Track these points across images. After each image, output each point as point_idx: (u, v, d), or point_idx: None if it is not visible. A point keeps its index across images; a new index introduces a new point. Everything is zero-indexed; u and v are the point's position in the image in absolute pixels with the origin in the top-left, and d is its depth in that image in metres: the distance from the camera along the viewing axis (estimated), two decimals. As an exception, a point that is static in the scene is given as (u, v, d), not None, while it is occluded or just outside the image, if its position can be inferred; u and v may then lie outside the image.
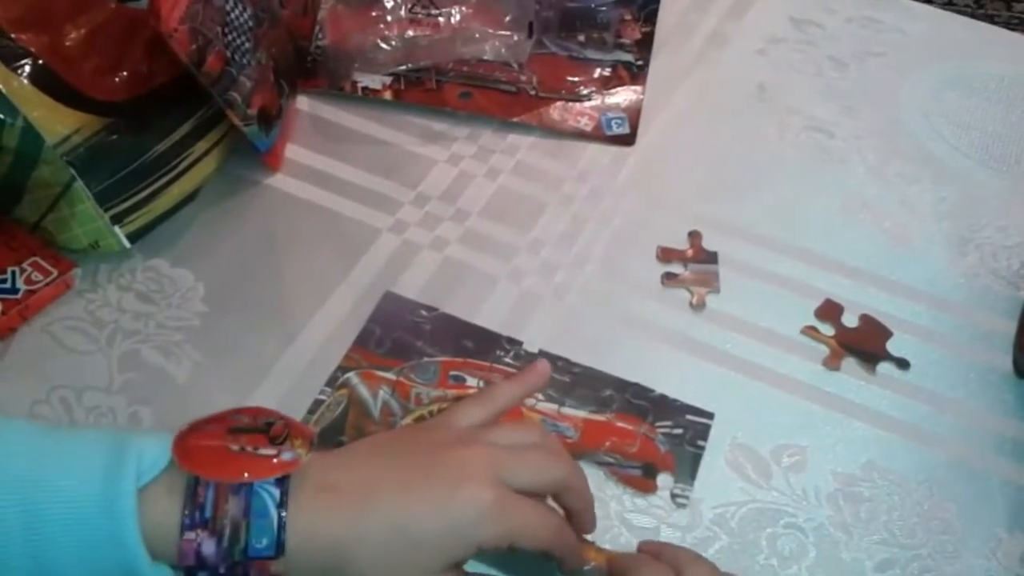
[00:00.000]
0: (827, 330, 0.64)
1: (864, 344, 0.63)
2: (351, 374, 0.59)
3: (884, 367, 0.63)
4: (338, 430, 0.56)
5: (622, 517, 0.54)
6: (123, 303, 0.61)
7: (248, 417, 0.44)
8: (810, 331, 0.64)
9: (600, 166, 0.74)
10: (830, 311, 0.65)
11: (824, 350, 0.63)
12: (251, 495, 0.41)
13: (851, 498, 0.56)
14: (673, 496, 0.55)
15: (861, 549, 0.54)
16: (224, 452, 0.42)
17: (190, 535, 0.40)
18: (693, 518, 0.55)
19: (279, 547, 0.41)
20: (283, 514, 0.41)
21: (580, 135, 0.76)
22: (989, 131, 0.80)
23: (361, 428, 0.56)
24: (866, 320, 0.65)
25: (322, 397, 0.58)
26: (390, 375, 0.59)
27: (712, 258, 0.67)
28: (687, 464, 0.56)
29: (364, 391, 0.58)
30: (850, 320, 0.65)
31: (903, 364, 0.62)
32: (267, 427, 0.44)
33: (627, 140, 0.76)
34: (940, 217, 0.73)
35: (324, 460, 0.44)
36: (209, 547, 0.40)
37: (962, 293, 0.68)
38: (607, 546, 0.52)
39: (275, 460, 0.42)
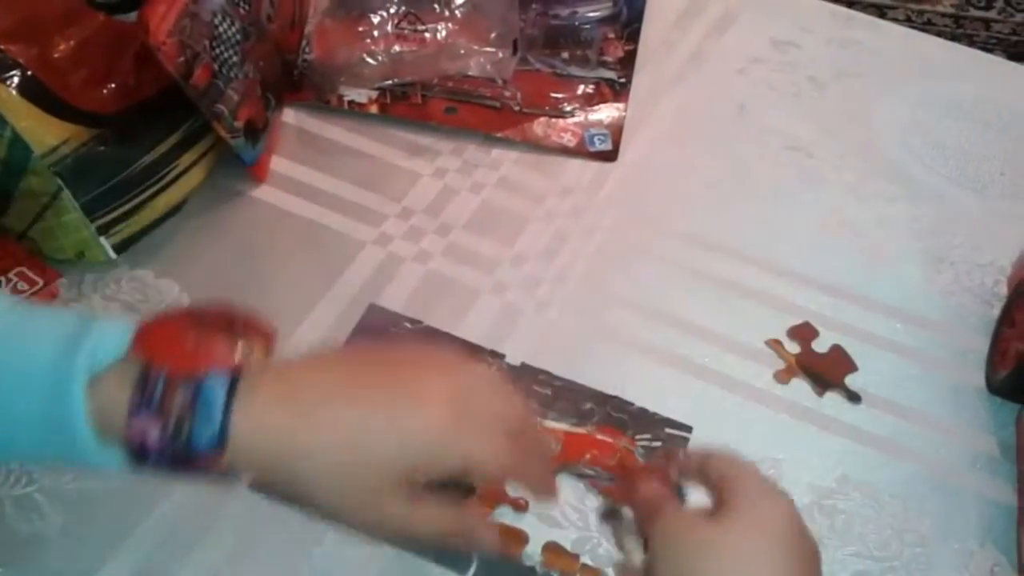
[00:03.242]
0: (793, 348, 0.65)
1: (823, 370, 0.64)
2: (334, 385, 0.59)
3: (832, 395, 0.63)
4: (321, 441, 0.57)
5: (602, 529, 0.55)
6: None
7: (213, 312, 0.43)
8: (775, 344, 0.65)
9: (583, 181, 0.75)
10: (804, 333, 0.66)
11: (781, 364, 0.64)
12: (200, 387, 0.39)
13: (826, 511, 0.57)
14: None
15: (836, 561, 0.55)
16: (179, 340, 0.41)
17: (136, 421, 0.39)
18: (671, 530, 0.55)
19: (222, 441, 0.40)
20: (229, 408, 0.40)
21: (563, 151, 0.77)
22: (964, 151, 0.81)
23: (344, 439, 0.57)
24: (835, 350, 0.65)
25: (305, 408, 0.58)
26: (373, 386, 0.60)
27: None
28: (666, 476, 0.57)
29: (347, 402, 0.59)
30: (821, 346, 0.66)
31: (854, 397, 0.63)
32: (229, 323, 0.43)
33: (609, 156, 0.77)
34: (916, 236, 0.74)
35: (284, 362, 0.43)
36: (154, 436, 0.39)
37: (937, 310, 0.69)
38: (587, 559, 0.53)
39: (230, 355, 0.40)
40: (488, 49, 0.79)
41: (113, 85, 0.64)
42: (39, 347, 0.40)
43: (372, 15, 0.77)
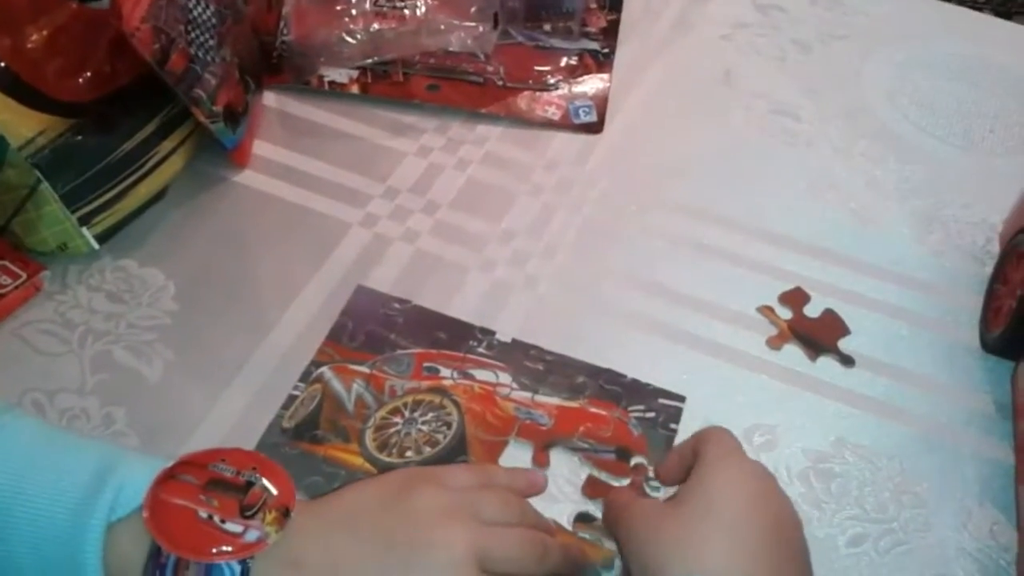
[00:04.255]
0: (784, 314, 0.65)
1: (816, 335, 0.64)
2: (324, 368, 0.59)
3: (825, 360, 0.63)
4: (313, 424, 0.56)
5: (596, 502, 0.55)
6: (93, 304, 0.61)
7: (232, 469, 0.43)
8: (766, 311, 0.65)
9: (569, 155, 0.74)
10: (795, 298, 0.66)
11: (773, 330, 0.64)
12: (211, 568, 0.40)
13: (822, 475, 0.57)
14: (647, 479, 0.56)
15: (834, 525, 0.55)
16: (192, 518, 0.41)
17: None
18: (668, 500, 0.55)
19: None
20: None
21: (548, 124, 0.76)
22: (952, 110, 0.81)
23: (336, 422, 0.57)
24: (827, 314, 0.65)
25: (296, 392, 0.58)
26: (364, 368, 0.59)
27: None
28: (660, 447, 0.57)
29: (338, 385, 0.58)
30: (813, 311, 0.65)
31: (847, 361, 0.62)
32: (247, 487, 0.43)
33: (595, 128, 0.76)
34: (905, 196, 0.74)
35: (294, 526, 0.42)
36: None
37: (929, 270, 0.69)
38: (585, 534, 0.53)
39: (240, 540, 0.41)
40: (469, 24, 0.78)
41: (88, 74, 0.63)
42: (57, 487, 0.40)
43: (350, -7, 0.76)
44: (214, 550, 0.40)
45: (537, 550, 0.46)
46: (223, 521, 0.41)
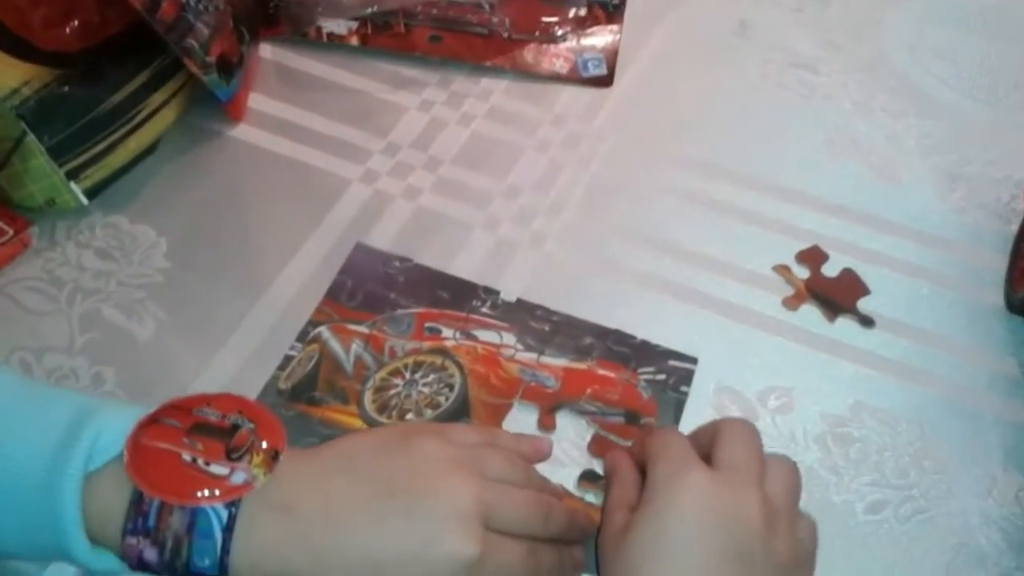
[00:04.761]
0: (801, 273, 0.62)
1: (834, 295, 0.61)
2: (322, 328, 0.57)
3: (844, 320, 0.60)
4: (310, 386, 0.54)
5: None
6: (82, 261, 0.59)
7: (217, 413, 0.41)
8: (782, 270, 0.62)
9: (577, 109, 0.71)
10: (813, 257, 0.63)
11: (789, 290, 0.61)
12: (196, 512, 0.38)
13: (840, 439, 0.55)
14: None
15: (852, 491, 0.53)
16: (175, 462, 0.39)
17: (132, 540, 0.38)
18: (678, 465, 0.53)
19: (222, 569, 0.38)
20: (228, 537, 0.38)
21: (556, 78, 0.73)
22: (974, 63, 0.78)
23: (334, 383, 0.55)
24: (846, 274, 0.62)
25: (292, 353, 0.56)
26: (363, 328, 0.57)
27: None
28: (670, 410, 0.55)
29: (336, 345, 0.56)
30: (831, 270, 0.63)
31: (867, 322, 0.60)
32: (232, 430, 0.40)
33: (604, 82, 0.73)
34: (927, 152, 0.71)
35: (287, 469, 0.40)
36: (151, 555, 0.38)
37: (951, 228, 0.66)
38: (590, 497, 0.51)
39: (226, 482, 0.39)
40: (473, -27, 0.75)
41: (76, 23, 0.61)
42: (33, 440, 0.39)
43: (349, -59, 0.73)
44: (199, 493, 0.38)
45: (542, 511, 0.44)
46: (208, 464, 0.39)
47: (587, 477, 0.52)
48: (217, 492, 0.38)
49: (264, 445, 0.40)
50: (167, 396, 0.51)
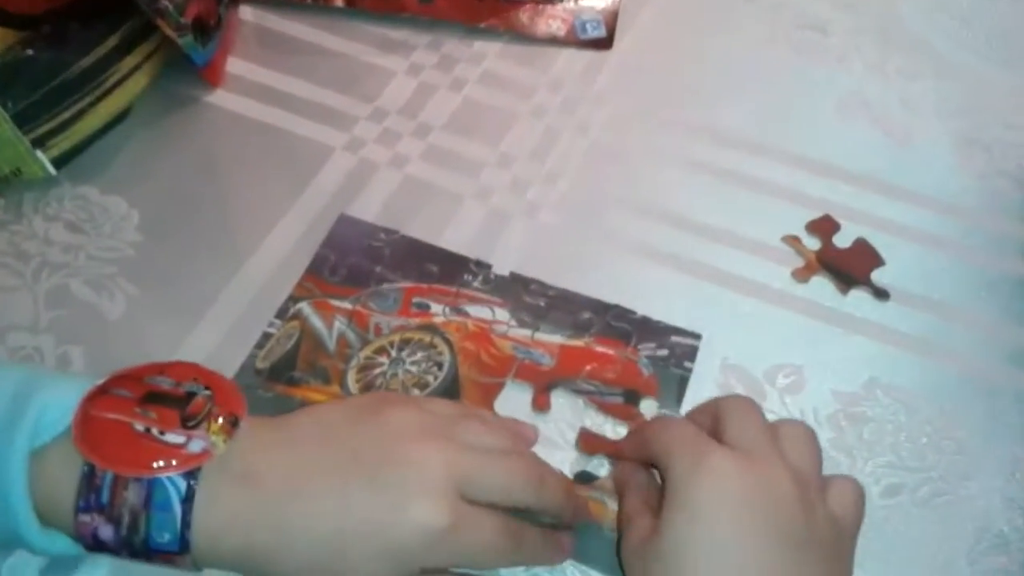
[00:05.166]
0: (812, 244, 0.59)
1: (847, 266, 0.58)
2: (303, 304, 0.54)
3: (857, 293, 0.57)
4: (290, 365, 0.51)
5: (597, 458, 0.49)
6: (50, 234, 0.56)
7: (171, 381, 0.39)
8: (792, 240, 0.59)
9: (574, 73, 0.68)
10: (824, 226, 0.60)
11: (799, 262, 0.58)
12: (153, 484, 0.36)
13: (853, 419, 0.52)
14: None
15: (866, 473, 0.50)
16: (127, 432, 0.36)
17: (85, 517, 0.35)
18: (681, 447, 0.50)
19: (183, 544, 0.36)
20: (188, 509, 0.36)
21: (552, 40, 0.69)
22: (993, 24, 0.74)
23: (315, 362, 0.51)
24: (859, 244, 0.59)
25: (271, 330, 0.53)
26: (346, 304, 0.54)
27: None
28: (673, 388, 0.52)
29: (318, 322, 0.53)
30: (843, 240, 0.59)
31: (881, 294, 0.57)
32: (187, 398, 0.38)
33: (603, 44, 0.70)
34: (944, 116, 0.67)
35: (249, 437, 0.38)
36: (107, 532, 0.35)
37: (970, 196, 0.63)
38: (592, 494, 0.48)
39: (183, 451, 0.36)
40: (464, -70, 0.71)
41: (41, -18, 0.58)
42: None
43: (333, -103, 0.70)
44: (154, 464, 0.36)
45: (532, 477, 0.41)
46: (162, 433, 0.36)
47: (582, 479, 0.48)
48: (174, 462, 0.36)
49: (222, 412, 0.37)
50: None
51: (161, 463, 0.36)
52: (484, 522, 0.39)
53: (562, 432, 0.50)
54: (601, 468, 0.48)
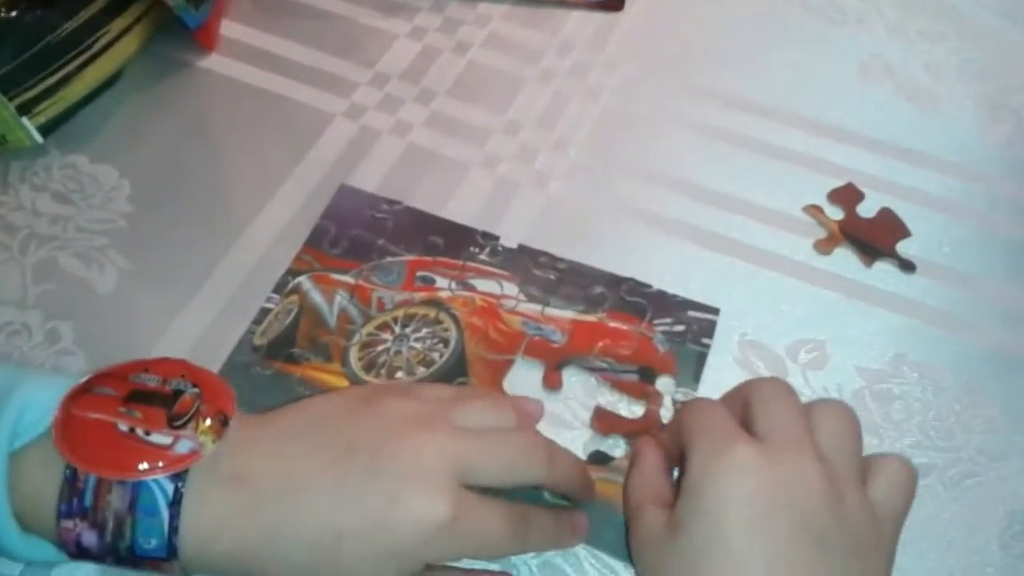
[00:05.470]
0: (834, 214, 0.56)
1: (871, 237, 0.55)
2: (303, 278, 0.51)
3: (882, 265, 0.55)
4: (289, 341, 0.49)
5: (613, 437, 0.47)
6: (38, 205, 0.53)
7: (157, 378, 0.37)
8: (814, 210, 0.56)
9: (584, 35, 0.65)
10: (847, 196, 0.57)
11: (822, 233, 0.56)
12: (139, 487, 0.34)
13: (879, 397, 0.49)
14: (675, 402, 0.48)
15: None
16: (111, 433, 0.34)
17: (67, 523, 0.33)
18: (699, 426, 0.48)
19: (170, 549, 0.34)
20: (175, 513, 0.34)
21: (561, 2, 0.67)
22: (1021, -16, 0.71)
23: (315, 338, 0.49)
24: (884, 214, 0.57)
25: (269, 305, 0.50)
26: (348, 278, 0.52)
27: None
28: (690, 365, 0.49)
29: (318, 297, 0.51)
30: (867, 210, 0.57)
31: (907, 266, 0.54)
32: (174, 397, 0.36)
33: (615, 5, 0.67)
34: (969, 80, 0.64)
35: (239, 436, 0.36)
36: (90, 539, 0.33)
37: (996, 163, 0.60)
38: (603, 475, 0.46)
39: (170, 452, 0.34)
40: None
41: (25, -60, 0.55)
42: None
43: None
44: (140, 466, 0.34)
45: (538, 451, 0.39)
46: (148, 433, 0.34)
47: (596, 459, 0.46)
48: (160, 464, 0.34)
49: (211, 411, 0.35)
50: (129, 355, 0.46)
51: (147, 465, 0.34)
52: (489, 510, 0.37)
53: (574, 411, 0.48)
54: (616, 448, 0.46)
